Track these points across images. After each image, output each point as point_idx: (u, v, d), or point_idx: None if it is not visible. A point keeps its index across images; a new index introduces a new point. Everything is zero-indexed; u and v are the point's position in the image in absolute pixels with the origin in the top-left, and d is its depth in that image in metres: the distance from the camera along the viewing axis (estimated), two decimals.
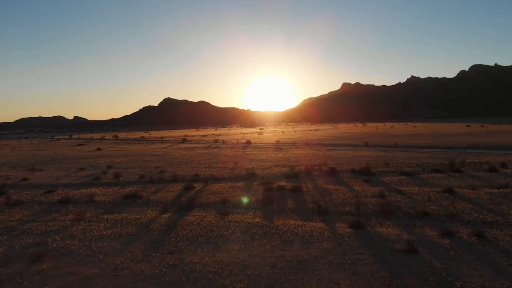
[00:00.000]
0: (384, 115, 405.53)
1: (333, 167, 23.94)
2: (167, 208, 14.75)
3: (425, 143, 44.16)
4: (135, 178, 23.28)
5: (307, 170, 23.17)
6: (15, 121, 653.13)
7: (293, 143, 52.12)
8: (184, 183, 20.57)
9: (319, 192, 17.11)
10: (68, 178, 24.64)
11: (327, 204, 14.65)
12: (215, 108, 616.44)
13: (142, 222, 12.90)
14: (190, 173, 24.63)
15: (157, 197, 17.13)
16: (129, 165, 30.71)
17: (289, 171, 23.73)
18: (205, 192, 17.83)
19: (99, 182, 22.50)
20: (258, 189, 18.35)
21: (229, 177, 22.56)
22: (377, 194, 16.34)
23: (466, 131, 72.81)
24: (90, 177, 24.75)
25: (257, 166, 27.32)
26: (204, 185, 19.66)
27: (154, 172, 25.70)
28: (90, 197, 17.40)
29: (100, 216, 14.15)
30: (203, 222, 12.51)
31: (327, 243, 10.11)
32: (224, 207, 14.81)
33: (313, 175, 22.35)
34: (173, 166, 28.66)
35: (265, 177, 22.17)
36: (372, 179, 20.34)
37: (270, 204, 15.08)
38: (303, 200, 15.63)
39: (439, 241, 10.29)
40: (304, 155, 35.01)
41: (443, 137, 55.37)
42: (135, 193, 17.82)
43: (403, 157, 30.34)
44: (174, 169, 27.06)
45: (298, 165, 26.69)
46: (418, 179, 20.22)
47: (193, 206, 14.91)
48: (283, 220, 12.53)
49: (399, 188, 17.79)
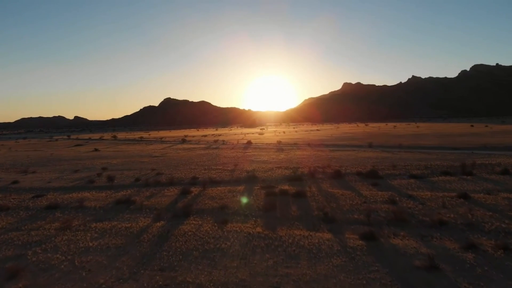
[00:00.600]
0: (385, 115, 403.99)
1: (338, 169, 22.82)
2: (161, 215, 13.65)
3: (431, 144, 43.02)
4: (130, 181, 22.17)
5: (311, 173, 22.05)
6: (15, 121, 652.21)
7: (295, 144, 50.98)
8: (181, 187, 19.48)
9: (325, 197, 15.99)
10: (61, 181, 23.55)
11: (334, 211, 13.53)
12: (215, 108, 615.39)
13: (132, 232, 11.81)
14: (187, 175, 23.53)
15: (152, 203, 16.02)
16: (125, 167, 29.62)
17: (291, 173, 22.62)
18: (203, 197, 16.72)
19: (92, 186, 21.41)
20: (259, 193, 17.24)
21: (229, 180, 21.45)
22: (387, 199, 15.23)
23: (470, 131, 71.60)
24: (84, 180, 23.65)
25: (258, 168, 26.22)
26: (202, 189, 18.57)
27: (150, 175, 24.60)
28: (80, 203, 16.31)
29: (88, 224, 13.05)
30: (199, 232, 11.41)
31: (337, 259, 9.00)
32: (222, 214, 13.71)
33: (317, 178, 21.24)
34: (171, 168, 27.57)
35: (266, 180, 21.06)
36: (380, 183, 19.22)
37: (272, 210, 13.98)
38: (308, 206, 14.51)
39: (462, 256, 9.18)
40: (306, 156, 33.89)
41: (448, 138, 54.21)
42: (128, 198, 16.72)
43: (410, 159, 29.20)
44: (171, 171, 25.97)
45: (301, 167, 25.58)
46: (428, 183, 19.09)
47: (189, 213, 13.82)
48: (287, 230, 11.43)
49: (410, 192, 16.67)
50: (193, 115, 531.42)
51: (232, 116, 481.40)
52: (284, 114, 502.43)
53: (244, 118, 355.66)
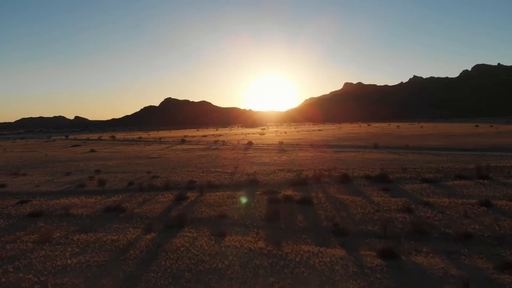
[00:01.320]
0: (387, 115, 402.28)
1: (345, 173, 21.45)
2: (152, 225, 12.29)
3: (438, 145, 41.60)
4: (123, 185, 20.82)
5: (316, 176, 20.67)
6: (15, 121, 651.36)
7: (297, 144, 49.58)
8: (176, 192, 18.12)
9: (333, 204, 14.61)
10: (50, 185, 22.21)
11: (345, 221, 12.16)
12: (216, 108, 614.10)
13: (118, 246, 10.45)
14: (184, 179, 22.17)
15: (143, 210, 14.66)
16: (120, 169, 28.27)
17: (295, 177, 21.24)
18: (200, 204, 15.36)
19: (82, 190, 20.06)
20: (261, 199, 15.87)
21: (228, 184, 20.09)
22: (402, 207, 13.85)
23: (476, 132, 70.11)
24: (74, 183, 22.31)
25: (259, 170, 24.86)
26: (199, 194, 17.20)
27: (145, 178, 23.24)
28: (66, 210, 14.96)
29: (71, 236, 11.70)
30: (194, 247, 10.04)
31: (354, 283, 7.62)
32: (220, 224, 12.36)
33: (323, 182, 19.86)
34: (167, 171, 26.21)
35: (268, 184, 19.69)
36: (391, 188, 17.84)
37: (276, 220, 12.61)
38: (316, 215, 13.13)
39: (499, 279, 7.81)
40: (310, 158, 32.50)
41: (454, 138, 52.77)
42: (119, 205, 15.37)
43: (419, 161, 27.82)
44: (167, 174, 24.61)
45: (305, 170, 24.20)
46: (443, 188, 17.69)
47: (183, 223, 12.46)
48: (294, 245, 10.06)
49: (425, 199, 15.28)
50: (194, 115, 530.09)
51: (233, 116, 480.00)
52: (285, 114, 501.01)
53: (245, 118, 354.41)
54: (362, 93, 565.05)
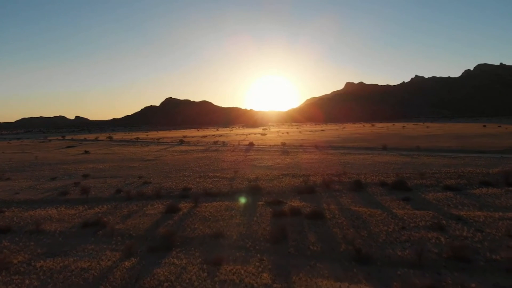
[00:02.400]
0: (388, 115, 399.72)
1: (357, 179, 19.30)
2: (134, 247, 10.18)
3: (450, 146, 39.38)
4: (109, 193, 18.71)
5: (325, 183, 18.53)
6: (15, 121, 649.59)
7: (301, 146, 47.36)
8: (168, 201, 16.03)
9: (349, 219, 12.46)
10: (30, 192, 20.11)
11: (368, 244, 10.02)
12: (217, 108, 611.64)
13: (88, 278, 8.35)
14: (179, 185, 20.05)
15: (127, 226, 12.55)
16: (111, 173, 26.18)
17: (302, 183, 19.11)
18: (193, 218, 13.23)
19: (63, 199, 17.97)
20: (265, 212, 13.74)
21: (227, 192, 17.96)
22: (431, 223, 11.71)
23: (486, 132, 67.75)
24: (58, 190, 20.23)
25: (261, 175, 22.74)
26: (194, 205, 15.09)
27: (135, 184, 21.12)
28: (38, 225, 12.86)
29: (34, 262, 9.61)
30: (180, 282, 7.92)
31: None
32: (216, 246, 10.24)
33: (333, 189, 17.73)
34: (161, 176, 24.09)
35: (272, 192, 17.58)
36: (412, 197, 15.70)
37: (282, 241, 10.49)
38: (330, 234, 10.99)
39: None
40: (316, 160, 30.34)
41: (465, 139, 50.52)
42: (99, 219, 13.26)
43: (435, 164, 25.67)
44: (161, 179, 22.49)
45: (312, 175, 22.05)
46: (471, 197, 15.54)
47: (171, 244, 10.36)
48: (307, 279, 7.94)
49: (455, 212, 13.14)
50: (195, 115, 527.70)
51: (234, 116, 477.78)
52: (286, 114, 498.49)
53: (246, 118, 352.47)
54: (364, 93, 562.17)
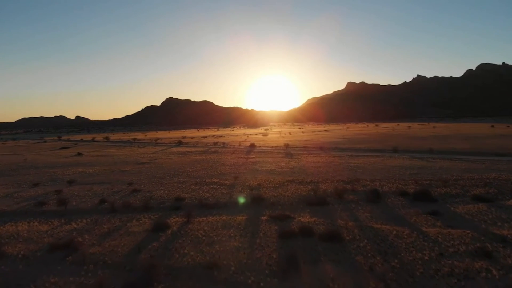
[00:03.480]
0: (391, 115, 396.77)
1: (374, 187, 17.07)
2: (105, 283, 7.96)
3: (463, 148, 37.03)
4: (91, 204, 16.49)
5: (337, 192, 16.30)
6: (16, 121, 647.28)
7: (305, 147, 45.01)
8: (157, 215, 13.84)
9: (373, 241, 10.21)
10: (6, 201, 17.95)
11: (403, 278, 7.78)
12: (218, 108, 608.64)
13: None
14: (171, 194, 17.82)
15: (103, 249, 10.33)
16: (99, 179, 23.97)
17: (311, 192, 16.88)
18: (184, 239, 11.00)
19: (40, 210, 15.78)
20: (269, 231, 11.50)
21: (225, 204, 15.73)
22: (474, 247, 9.49)
23: (496, 133, 65.19)
24: (36, 199, 18.04)
25: (264, 181, 20.52)
26: (186, 220, 12.87)
27: (123, 193, 18.89)
28: None
29: None
30: None
31: None
32: (209, 282, 8.01)
33: (347, 200, 15.50)
34: (154, 182, 21.86)
35: (277, 203, 15.36)
36: (439, 210, 13.46)
37: (293, 274, 8.27)
38: (353, 264, 8.74)
39: None
40: (322, 164, 28.05)
41: (477, 140, 48.15)
42: (72, 240, 11.04)
43: (455, 169, 23.42)
44: (152, 186, 20.27)
45: (321, 182, 19.80)
46: (508, 211, 13.29)
47: (153, 278, 8.15)
48: None
49: (496, 231, 10.91)
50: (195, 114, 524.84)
51: (235, 116, 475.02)
52: (287, 114, 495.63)
53: (247, 118, 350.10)
54: (365, 93, 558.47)
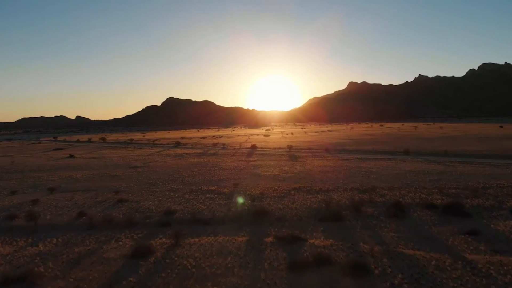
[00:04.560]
0: (393, 115, 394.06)
1: (395, 199, 14.79)
2: None
3: (480, 151, 34.62)
4: (68, 218, 14.23)
5: (354, 204, 14.01)
6: (16, 121, 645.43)
7: (309, 149, 42.64)
8: (141, 234, 11.59)
9: (409, 276, 7.92)
10: None
11: None
12: (219, 108, 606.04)
13: None
14: (161, 205, 15.54)
15: (66, 286, 8.05)
16: (85, 185, 21.72)
17: (322, 204, 14.59)
18: (168, 271, 8.72)
19: (8, 226, 13.59)
20: (276, 259, 9.20)
21: (222, 218, 13.46)
22: None
23: (507, 134, 62.43)
24: (8, 211, 15.87)
25: (267, 189, 18.25)
26: (174, 243, 10.61)
27: (107, 203, 16.61)
28: None
29: None
30: None
31: None
32: None
33: (365, 214, 13.22)
34: (144, 189, 19.58)
35: (284, 218, 13.09)
36: (478, 228, 11.19)
37: None
38: None
39: None
40: (331, 168, 25.74)
41: (490, 141, 45.73)
42: (30, 271, 8.79)
43: (478, 175, 21.12)
44: (141, 195, 17.99)
45: (332, 190, 17.50)
46: None
47: None
48: None
49: None
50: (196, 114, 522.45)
51: (236, 116, 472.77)
52: (288, 113, 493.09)
53: (248, 118, 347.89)
54: (367, 93, 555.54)
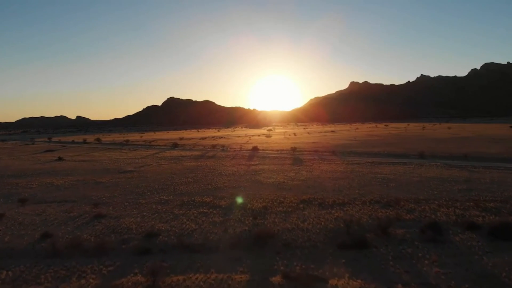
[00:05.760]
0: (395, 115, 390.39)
1: (431, 219, 12.15)
2: None
3: (499, 153, 31.78)
4: (28, 241, 11.62)
5: (380, 224, 11.38)
6: (16, 121, 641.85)
7: (315, 151, 39.78)
8: (112, 266, 8.98)
9: None
10: None
11: None
12: (220, 108, 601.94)
13: None
14: (144, 224, 12.89)
15: None
16: (64, 195, 19.07)
17: (340, 224, 11.94)
18: None
19: None
20: None
21: (216, 246, 10.80)
22: None
23: None
24: None
25: (272, 202, 15.60)
26: (151, 283, 8.00)
27: (81, 220, 13.94)
28: None
29: None
30: None
31: None
32: None
33: (395, 237, 10.59)
34: (128, 201, 16.92)
35: (293, 244, 10.47)
36: None
37: None
38: None
39: None
40: (342, 174, 23.00)
41: (507, 143, 42.80)
42: None
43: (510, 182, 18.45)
44: (123, 209, 15.34)
45: (348, 203, 14.82)
46: None
47: None
48: None
49: None
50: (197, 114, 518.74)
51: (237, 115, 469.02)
52: (289, 113, 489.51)
53: (249, 118, 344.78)
54: (369, 92, 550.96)
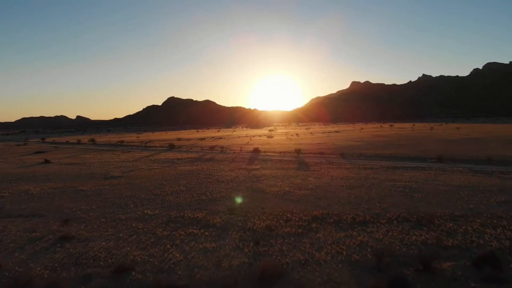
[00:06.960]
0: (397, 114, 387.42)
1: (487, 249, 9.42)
2: None
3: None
4: None
5: (420, 257, 8.65)
6: (16, 121, 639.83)
7: (320, 154, 36.94)
8: None
9: None
10: None
11: None
12: (220, 108, 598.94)
13: None
14: (115, 252, 10.17)
15: None
16: (33, 207, 16.35)
17: (367, 255, 9.22)
18: None
19: None
20: None
21: (206, 285, 8.07)
22: None
23: None
24: None
25: (277, 220, 12.88)
26: None
27: (39, 245, 11.22)
28: None
29: None
30: None
31: None
32: None
33: (444, 276, 7.88)
34: (103, 217, 14.16)
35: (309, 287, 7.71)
36: None
37: None
38: None
39: None
40: (355, 182, 20.20)
41: None
42: None
43: None
44: (96, 228, 12.59)
45: (371, 222, 12.08)
46: None
47: None
48: None
49: None
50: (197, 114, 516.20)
51: (238, 115, 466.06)
52: (290, 113, 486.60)
53: (250, 118, 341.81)
54: (370, 92, 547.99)
